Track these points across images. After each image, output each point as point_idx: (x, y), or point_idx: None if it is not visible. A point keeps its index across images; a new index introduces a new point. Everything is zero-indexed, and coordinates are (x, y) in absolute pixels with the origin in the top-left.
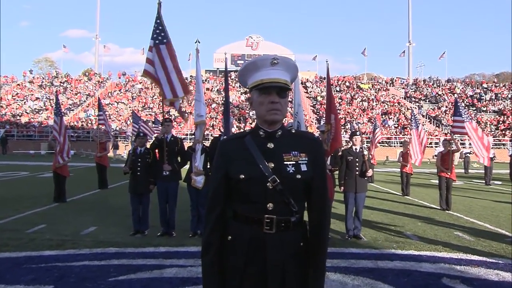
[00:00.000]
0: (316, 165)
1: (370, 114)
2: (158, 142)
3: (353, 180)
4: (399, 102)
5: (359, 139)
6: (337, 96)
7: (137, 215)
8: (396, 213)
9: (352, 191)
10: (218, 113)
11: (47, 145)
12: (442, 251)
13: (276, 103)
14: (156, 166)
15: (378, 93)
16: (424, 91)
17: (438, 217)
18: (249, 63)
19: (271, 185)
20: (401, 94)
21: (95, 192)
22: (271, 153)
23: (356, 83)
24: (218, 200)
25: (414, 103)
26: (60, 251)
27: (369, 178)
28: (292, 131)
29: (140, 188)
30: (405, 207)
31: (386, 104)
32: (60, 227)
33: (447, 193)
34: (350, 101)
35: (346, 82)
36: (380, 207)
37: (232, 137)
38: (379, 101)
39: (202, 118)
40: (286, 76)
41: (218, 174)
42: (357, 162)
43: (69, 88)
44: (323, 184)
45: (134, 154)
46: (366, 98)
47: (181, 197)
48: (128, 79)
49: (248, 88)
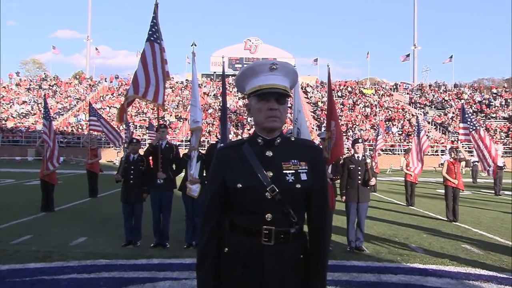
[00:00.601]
0: (316, 174)
1: (373, 121)
2: (152, 148)
3: (355, 190)
4: (404, 108)
5: (361, 146)
6: (339, 102)
7: (129, 225)
8: (400, 224)
9: (354, 201)
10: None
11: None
12: (449, 265)
13: (275, 110)
14: (149, 174)
15: (382, 99)
16: (429, 97)
17: (444, 228)
18: (247, 68)
19: (270, 194)
20: (405, 99)
21: (85, 200)
22: (269, 162)
23: (359, 88)
24: (214, 210)
25: (419, 109)
26: (46, 264)
27: (371, 187)
28: (292, 139)
29: (133, 196)
30: (410, 218)
31: (390, 110)
32: (47, 237)
33: (454, 204)
34: (352, 107)
35: (348, 87)
36: (383, 217)
37: (230, 145)
38: (382, 107)
39: (198, 124)
40: (285, 82)
41: (215, 183)
42: (360, 171)
43: (58, 92)
44: (324, 194)
45: (127, 161)
46: (369, 103)
47: (176, 207)
48: (121, 83)
49: (246, 94)
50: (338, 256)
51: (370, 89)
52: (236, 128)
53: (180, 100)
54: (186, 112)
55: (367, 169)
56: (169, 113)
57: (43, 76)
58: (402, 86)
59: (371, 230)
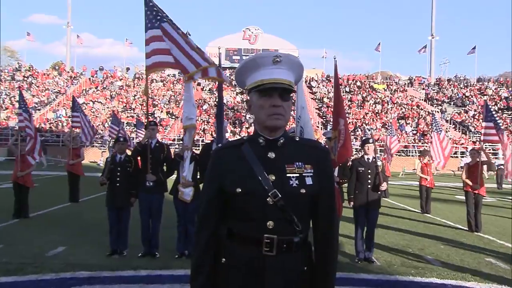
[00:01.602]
0: (323, 178)
1: (384, 119)
2: (141, 148)
3: (364, 195)
4: (419, 105)
5: (371, 147)
6: (347, 98)
7: (115, 232)
8: (415, 234)
9: (363, 207)
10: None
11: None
12: (471, 280)
13: (279, 107)
14: (138, 176)
15: (394, 95)
16: (448, 92)
17: (465, 239)
18: (248, 60)
19: (272, 200)
20: (421, 95)
21: (65, 206)
22: (272, 164)
23: (369, 82)
24: (211, 216)
25: (436, 106)
26: (19, 277)
27: (382, 192)
28: (296, 139)
29: (119, 201)
30: (425, 226)
31: (403, 107)
32: (21, 247)
33: (476, 212)
34: (361, 103)
35: (357, 81)
36: (396, 226)
37: (228, 145)
38: (395, 103)
39: (192, 122)
40: (290, 76)
41: (211, 187)
42: (369, 174)
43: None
44: (331, 200)
45: (113, 162)
46: (380, 100)
47: (167, 212)
48: (107, 75)
49: (246, 89)
50: (346, 268)
51: (381, 84)
52: (233, 126)
53: (172, 95)
54: (179, 108)
55: (377, 172)
56: (159, 109)
57: (17, 66)
58: (417, 80)
59: (382, 239)
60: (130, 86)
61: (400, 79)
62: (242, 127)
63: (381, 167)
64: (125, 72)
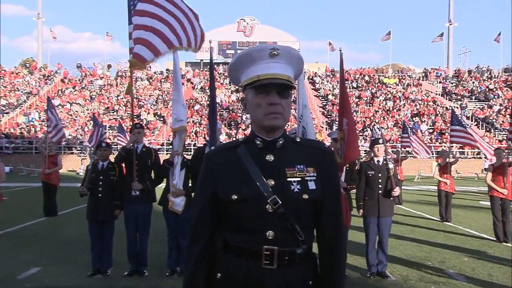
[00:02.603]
0: (327, 182)
1: (396, 117)
2: (126, 154)
3: (375, 201)
4: (435, 100)
5: (382, 148)
6: (354, 94)
7: (97, 249)
8: (434, 245)
9: (374, 215)
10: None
11: None
12: None
13: (277, 105)
14: (123, 185)
15: (407, 90)
16: (469, 86)
17: (492, 250)
18: (242, 54)
19: (271, 207)
20: (437, 90)
21: (39, 220)
22: (270, 168)
23: (379, 77)
24: (204, 227)
25: (455, 101)
26: None
27: (395, 198)
28: (297, 140)
29: (102, 214)
30: (446, 236)
31: (418, 103)
32: None
33: (504, 219)
34: (370, 100)
35: (365, 75)
36: (412, 236)
37: (222, 148)
38: (408, 99)
39: (182, 124)
40: (288, 70)
41: (204, 195)
42: (380, 178)
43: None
44: (337, 206)
45: (94, 170)
46: (391, 96)
47: (155, 225)
48: (85, 73)
49: (241, 86)
50: (356, 284)
51: (392, 78)
52: (228, 128)
53: (160, 95)
54: (167, 109)
55: (389, 176)
56: (146, 110)
57: None
58: (433, 73)
59: (397, 251)
60: (112, 85)
61: (414, 72)
62: (238, 129)
63: (393, 170)
64: (106, 70)
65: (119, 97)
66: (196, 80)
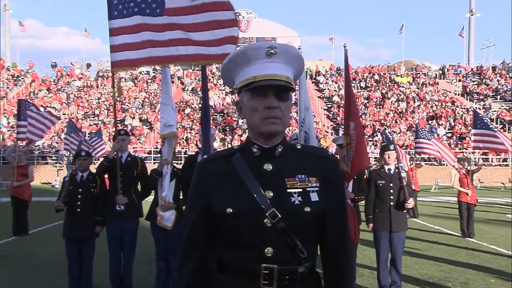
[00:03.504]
0: (331, 193)
1: (410, 120)
2: (109, 163)
3: (386, 214)
4: (454, 101)
5: (393, 155)
6: (362, 95)
7: (75, 271)
8: (455, 263)
9: (386, 229)
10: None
11: None
12: None
13: (275, 109)
14: (105, 198)
15: (422, 89)
16: (493, 84)
17: None
18: (236, 54)
19: (270, 221)
20: (456, 89)
21: (8, 240)
22: (269, 178)
23: (390, 75)
24: (196, 244)
25: (477, 101)
26: None
27: (410, 211)
28: (298, 147)
29: (81, 231)
30: (469, 254)
31: (434, 104)
32: None
33: None
34: (381, 101)
35: (374, 74)
36: (430, 253)
37: (215, 156)
38: (423, 100)
39: (172, 130)
40: (287, 71)
41: (195, 208)
42: (392, 188)
43: None
44: (342, 220)
45: (73, 183)
46: (404, 96)
47: (142, 243)
48: (61, 73)
49: (235, 88)
50: None
51: (405, 77)
52: (223, 134)
53: (146, 97)
54: (155, 114)
55: (402, 186)
56: (130, 114)
57: None
58: (451, 70)
59: (412, 270)
60: (92, 87)
61: (430, 70)
62: (233, 135)
63: (406, 179)
64: (86, 69)
65: (100, 100)
66: (187, 81)
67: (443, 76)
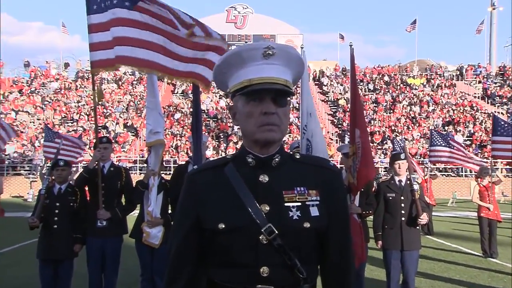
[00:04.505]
0: (333, 207)
1: (424, 126)
2: (89, 175)
3: (397, 231)
4: (473, 104)
5: (404, 165)
6: (370, 99)
7: None
8: (475, 287)
9: (397, 248)
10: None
11: None
12: None
13: (272, 115)
14: (85, 213)
15: (438, 92)
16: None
17: None
18: (230, 55)
19: (266, 238)
20: (476, 91)
21: None
22: (265, 190)
23: (401, 76)
24: (185, 263)
25: (500, 105)
26: None
27: (424, 227)
28: (297, 157)
29: (57, 251)
30: (491, 276)
31: (451, 108)
32: None
33: None
34: (391, 105)
35: (384, 75)
36: (447, 275)
37: (206, 167)
38: (438, 104)
39: (159, 137)
40: (286, 73)
41: (185, 224)
42: (403, 202)
43: None
44: (345, 237)
45: (49, 196)
46: (417, 100)
47: (126, 263)
48: (36, 74)
49: (229, 92)
50: None
51: (419, 78)
52: (217, 141)
53: (131, 100)
54: (141, 119)
55: (414, 199)
56: (113, 120)
57: None
58: (470, 71)
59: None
60: (70, 89)
61: (446, 70)
62: (228, 142)
63: (419, 192)
64: (63, 69)
65: (80, 103)
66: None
67: (461, 77)
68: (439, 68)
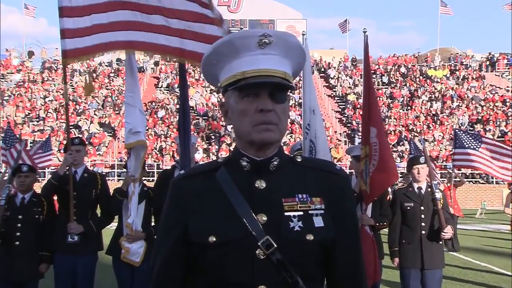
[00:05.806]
0: (340, 217)
1: (447, 124)
2: (58, 182)
3: (417, 246)
4: (505, 99)
5: (425, 170)
6: (384, 93)
7: None
8: None
9: (416, 266)
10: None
11: None
12: None
13: (269, 112)
14: (53, 227)
15: (463, 85)
16: None
17: None
18: (221, 44)
19: (263, 253)
20: (508, 84)
21: None
22: (262, 198)
23: (420, 67)
24: (170, 283)
25: None
26: None
27: (448, 242)
28: (298, 160)
29: (20, 271)
30: None
31: (479, 104)
32: None
33: None
34: (409, 101)
35: (401, 66)
36: None
37: (195, 172)
38: (464, 99)
39: (140, 137)
40: (284, 65)
41: (170, 237)
42: (423, 213)
43: None
44: (355, 252)
45: (10, 207)
46: (439, 94)
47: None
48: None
49: (220, 86)
50: None
51: (441, 69)
52: (207, 143)
53: (109, 95)
54: (119, 117)
55: (436, 210)
56: (87, 118)
57: None
58: (502, 60)
59: None
60: (36, 82)
61: (473, 60)
62: (220, 144)
63: (443, 201)
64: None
65: (47, 99)
66: (162, 76)
67: (492, 68)
68: (465, 57)
